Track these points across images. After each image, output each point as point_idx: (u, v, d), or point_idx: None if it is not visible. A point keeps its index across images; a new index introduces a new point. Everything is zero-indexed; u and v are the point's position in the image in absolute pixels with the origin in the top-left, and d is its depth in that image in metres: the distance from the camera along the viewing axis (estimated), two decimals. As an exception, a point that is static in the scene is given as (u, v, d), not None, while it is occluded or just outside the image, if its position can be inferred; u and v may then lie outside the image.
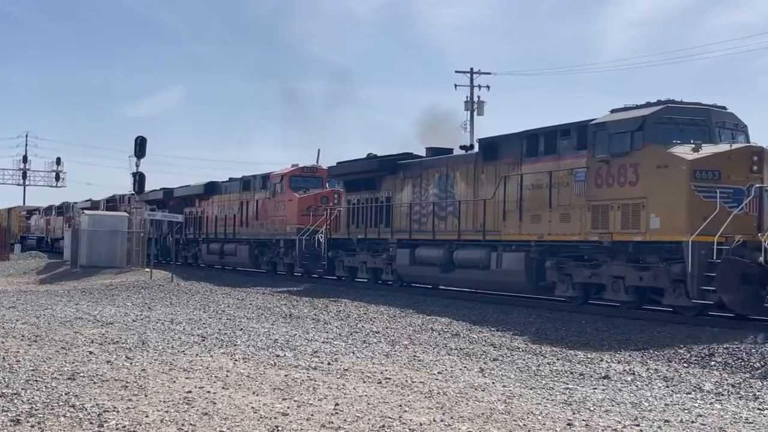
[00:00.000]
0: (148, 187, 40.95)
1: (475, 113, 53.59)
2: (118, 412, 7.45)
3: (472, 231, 20.78)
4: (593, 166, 17.03)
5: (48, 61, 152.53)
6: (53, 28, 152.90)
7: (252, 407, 7.84)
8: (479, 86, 53.74)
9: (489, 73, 54.15)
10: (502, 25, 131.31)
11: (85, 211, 40.51)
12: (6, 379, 8.87)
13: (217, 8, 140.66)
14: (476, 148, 22.05)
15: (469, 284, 21.56)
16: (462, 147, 23.79)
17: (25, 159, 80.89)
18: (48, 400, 7.82)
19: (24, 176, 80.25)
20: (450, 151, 24.00)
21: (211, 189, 37.23)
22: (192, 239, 39.27)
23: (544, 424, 7.59)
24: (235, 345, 12.43)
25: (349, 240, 26.35)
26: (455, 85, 53.80)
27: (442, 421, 7.54)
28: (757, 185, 15.12)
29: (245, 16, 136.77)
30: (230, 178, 36.31)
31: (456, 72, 54.12)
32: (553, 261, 18.25)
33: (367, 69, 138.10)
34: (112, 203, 48.82)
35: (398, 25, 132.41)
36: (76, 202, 56.49)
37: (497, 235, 19.77)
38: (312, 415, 7.58)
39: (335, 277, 27.42)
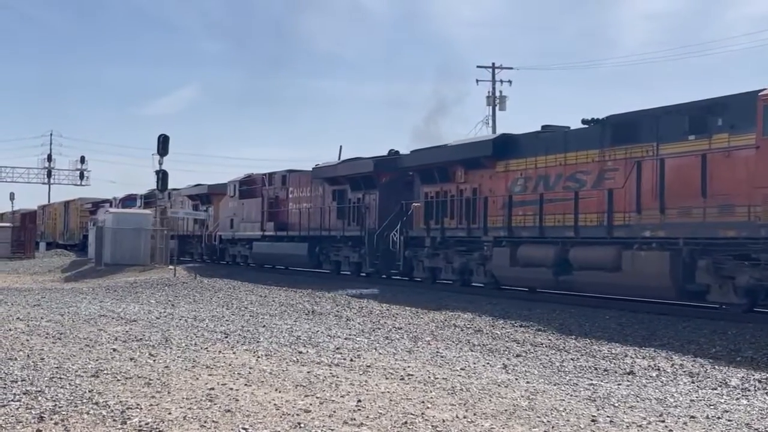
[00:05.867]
0: (171, 184, 39.44)
1: (496, 108, 53.49)
2: (141, 409, 7.47)
3: None
4: None
5: (61, 59, 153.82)
6: (66, 26, 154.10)
7: (274, 404, 7.84)
8: (501, 81, 53.65)
9: (511, 68, 54.04)
10: (517, 18, 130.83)
11: (109, 210, 40.70)
12: (30, 377, 8.92)
13: (229, 4, 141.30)
14: None
15: None
16: None
17: (49, 158, 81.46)
18: (72, 398, 7.85)
19: (49, 175, 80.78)
20: None
21: (504, 148, 20.89)
22: (459, 239, 22.37)
23: (568, 420, 7.53)
24: (257, 342, 12.45)
25: None
26: (477, 80, 53.74)
27: (464, 417, 7.49)
28: None
29: (256, 12, 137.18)
30: (542, 128, 20.75)
31: (478, 67, 54.07)
32: None
33: (378, 64, 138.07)
34: (247, 185, 35.42)
35: (411, 20, 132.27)
36: (177, 188, 43.32)
37: None
38: (334, 411, 7.57)
39: None
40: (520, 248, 19.69)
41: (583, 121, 18.47)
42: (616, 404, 8.38)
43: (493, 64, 53.75)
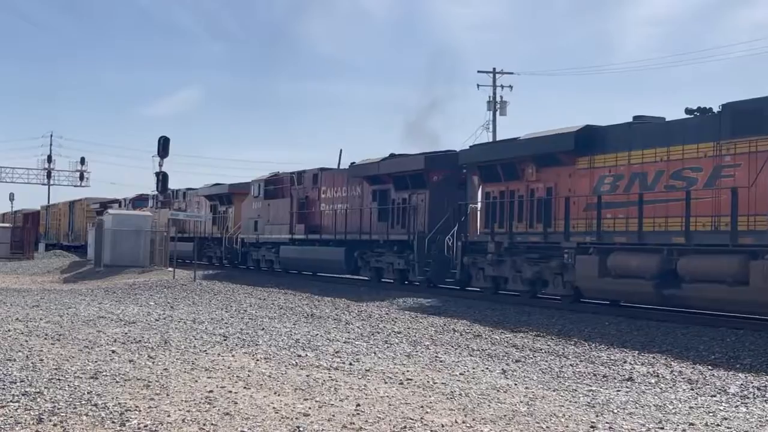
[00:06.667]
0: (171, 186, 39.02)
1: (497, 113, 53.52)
2: (140, 411, 7.46)
3: None
4: None
5: (62, 60, 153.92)
6: (68, 28, 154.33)
7: (273, 407, 7.83)
8: (501, 86, 53.68)
9: (511, 73, 54.05)
10: (517, 23, 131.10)
11: (109, 210, 40.64)
12: (29, 378, 8.91)
13: (231, 6, 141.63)
14: None
15: None
16: None
17: (49, 159, 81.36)
18: (71, 399, 7.85)
19: (48, 176, 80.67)
20: None
21: (587, 142, 18.29)
22: (532, 245, 19.65)
23: (567, 426, 7.52)
24: (256, 345, 12.44)
25: None
26: (477, 85, 53.75)
27: (463, 422, 7.49)
28: None
29: (259, 15, 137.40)
30: (634, 119, 17.87)
31: (478, 72, 54.11)
32: None
33: (379, 67, 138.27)
34: (273, 185, 32.94)
35: (412, 24, 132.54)
36: (192, 188, 41.87)
37: None
38: (333, 415, 7.56)
39: None
40: (611, 256, 17.00)
41: (687, 111, 16.39)
42: (615, 410, 8.38)
43: (494, 68, 53.81)
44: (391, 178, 25.27)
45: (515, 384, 9.85)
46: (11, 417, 7.08)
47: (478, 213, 22.02)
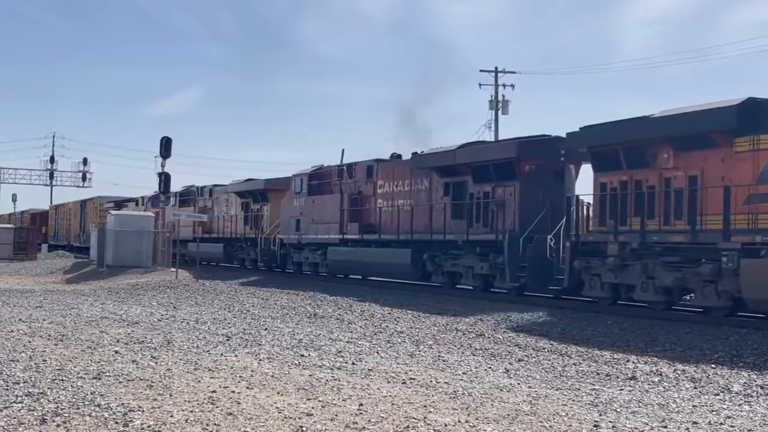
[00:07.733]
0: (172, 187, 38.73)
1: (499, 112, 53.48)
2: (143, 411, 7.46)
3: None
4: None
5: (63, 62, 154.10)
6: (69, 29, 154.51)
7: (276, 407, 7.83)
8: (503, 85, 53.64)
9: (513, 72, 54.00)
10: (518, 23, 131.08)
11: (111, 211, 40.57)
12: (32, 379, 8.92)
13: (230, 7, 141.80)
14: None
15: None
16: None
17: (52, 159, 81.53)
18: (74, 400, 7.85)
19: (51, 177, 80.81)
20: None
21: (751, 119, 14.95)
22: (672, 246, 16.31)
23: (570, 425, 7.52)
24: (259, 345, 12.45)
25: None
26: (479, 84, 53.70)
27: (467, 422, 7.48)
28: None
29: (258, 16, 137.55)
30: None
31: (481, 71, 54.06)
32: None
33: (378, 68, 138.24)
34: (318, 179, 29.83)
35: (413, 23, 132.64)
36: (220, 184, 39.90)
37: None
38: (336, 415, 7.56)
39: None
40: None
41: None
42: (619, 409, 8.37)
43: (496, 68, 53.76)
44: (468, 169, 22.08)
45: (518, 383, 9.85)
46: (15, 418, 7.09)
47: (590, 208, 19.04)
